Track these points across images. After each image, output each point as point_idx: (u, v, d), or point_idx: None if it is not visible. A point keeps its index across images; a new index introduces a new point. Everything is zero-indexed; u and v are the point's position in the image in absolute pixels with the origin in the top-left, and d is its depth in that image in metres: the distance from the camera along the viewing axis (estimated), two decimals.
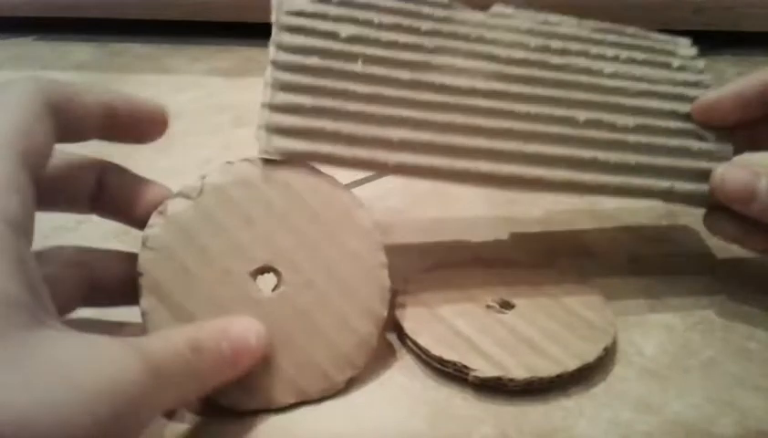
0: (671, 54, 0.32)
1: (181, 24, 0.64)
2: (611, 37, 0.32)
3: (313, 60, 0.26)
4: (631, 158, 0.28)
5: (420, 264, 0.30)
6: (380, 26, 0.28)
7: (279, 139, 0.25)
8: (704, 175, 0.28)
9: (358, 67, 0.27)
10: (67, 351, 0.16)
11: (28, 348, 0.15)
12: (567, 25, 0.32)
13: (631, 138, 0.28)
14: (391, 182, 0.38)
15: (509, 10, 0.31)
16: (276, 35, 0.26)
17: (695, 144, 0.29)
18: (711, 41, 0.32)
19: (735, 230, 0.28)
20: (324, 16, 0.27)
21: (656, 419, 0.23)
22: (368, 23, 0.28)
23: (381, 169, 0.26)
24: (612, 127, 0.28)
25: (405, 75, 0.27)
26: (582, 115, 0.28)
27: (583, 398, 0.23)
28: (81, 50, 0.63)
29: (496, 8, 0.31)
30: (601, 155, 0.27)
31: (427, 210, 0.36)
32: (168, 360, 0.18)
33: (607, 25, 0.32)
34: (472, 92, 0.27)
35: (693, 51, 0.33)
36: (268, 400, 0.23)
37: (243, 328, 0.21)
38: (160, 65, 0.59)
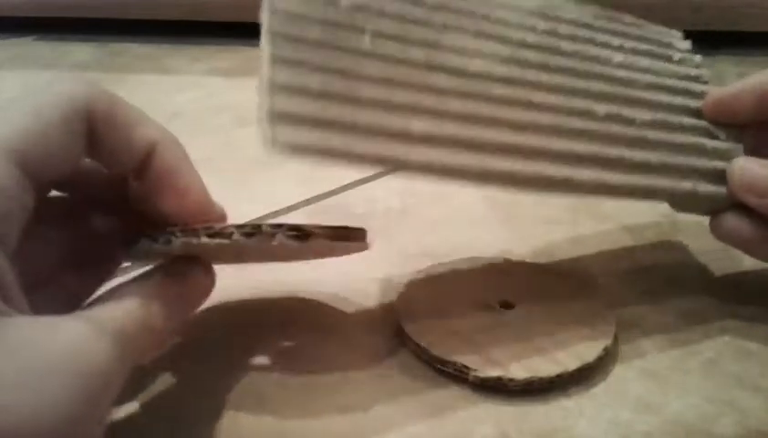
0: (669, 46, 0.31)
1: (181, 24, 0.64)
2: (613, 26, 0.30)
3: (315, 32, 0.22)
4: (653, 156, 0.26)
5: (420, 264, 0.30)
6: None
7: (286, 129, 0.20)
8: (720, 176, 0.26)
9: (366, 42, 0.23)
10: (26, 339, 0.16)
11: None
12: (570, 9, 0.30)
13: (651, 134, 0.26)
14: (391, 182, 0.38)
15: None
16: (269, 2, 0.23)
17: (708, 142, 0.27)
18: (711, 41, 0.32)
19: (748, 231, 0.26)
20: None
21: (656, 419, 0.23)
22: None
23: (403, 167, 0.22)
24: (631, 122, 0.26)
25: (419, 54, 0.24)
26: (601, 108, 0.26)
27: (583, 398, 0.23)
28: (81, 50, 0.63)
29: None
30: (627, 153, 0.25)
31: (427, 210, 0.36)
32: (126, 326, 0.18)
33: (606, 12, 0.31)
34: (489, 77, 0.25)
35: (688, 44, 0.32)
36: None
37: (186, 266, 0.21)
38: (160, 65, 0.59)
